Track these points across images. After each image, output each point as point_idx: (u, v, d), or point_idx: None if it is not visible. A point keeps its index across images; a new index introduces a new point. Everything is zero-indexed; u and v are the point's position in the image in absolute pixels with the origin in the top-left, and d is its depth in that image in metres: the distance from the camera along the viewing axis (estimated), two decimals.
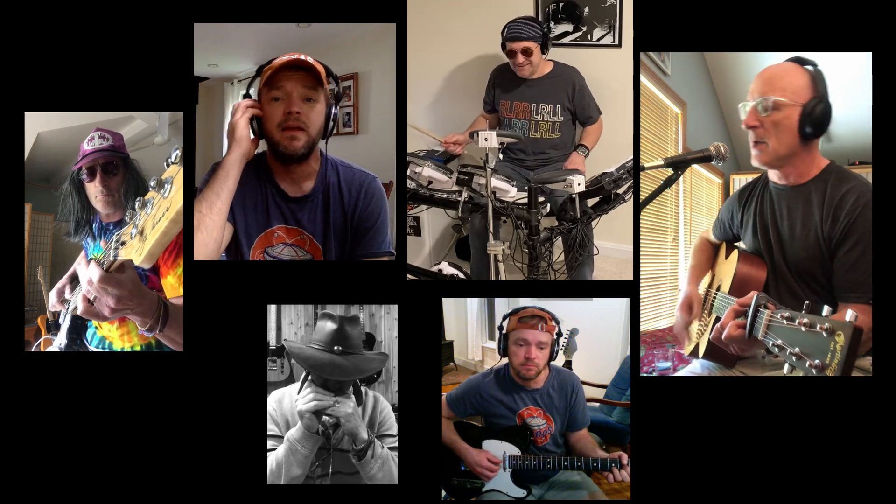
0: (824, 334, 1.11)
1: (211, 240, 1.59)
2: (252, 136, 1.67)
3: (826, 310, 1.16)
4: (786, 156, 1.60)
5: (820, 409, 1.76)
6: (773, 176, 1.70)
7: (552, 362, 1.85)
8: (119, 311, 1.42)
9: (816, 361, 1.12)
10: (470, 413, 1.83)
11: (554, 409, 1.81)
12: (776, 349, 1.22)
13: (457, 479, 1.79)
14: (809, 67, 1.59)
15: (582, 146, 2.69)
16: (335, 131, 1.74)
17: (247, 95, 1.72)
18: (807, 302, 1.22)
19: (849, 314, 1.10)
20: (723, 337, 1.40)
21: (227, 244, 1.71)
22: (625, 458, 1.71)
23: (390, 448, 1.63)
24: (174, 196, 1.18)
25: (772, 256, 1.69)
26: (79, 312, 1.44)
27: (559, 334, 1.81)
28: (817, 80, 1.57)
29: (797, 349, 1.16)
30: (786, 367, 1.20)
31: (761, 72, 1.63)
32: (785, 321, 1.21)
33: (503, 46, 2.63)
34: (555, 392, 1.82)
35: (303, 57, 1.65)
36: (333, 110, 1.71)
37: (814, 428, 1.76)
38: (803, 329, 1.16)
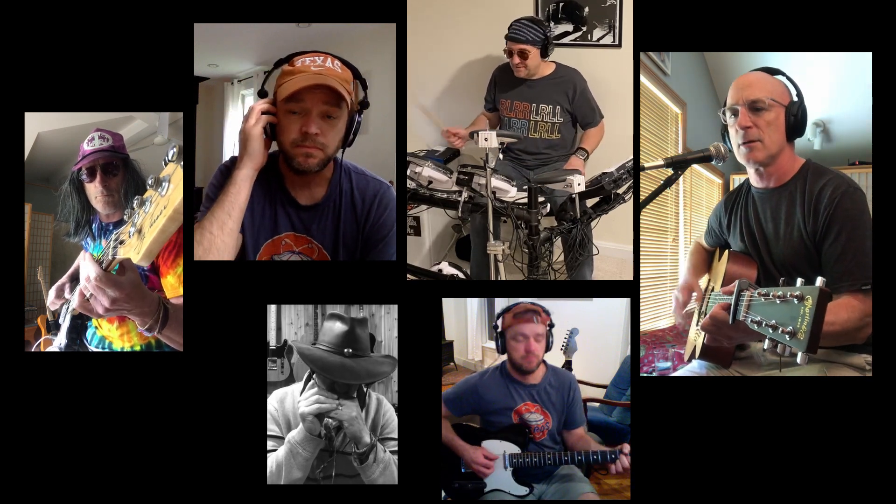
0: (795, 301, 1.17)
1: (223, 258, 1.55)
2: (265, 138, 1.58)
3: (799, 282, 1.21)
4: (776, 153, 1.66)
5: (819, 408, 1.76)
6: (755, 181, 1.75)
7: (549, 362, 1.86)
8: (113, 312, 1.42)
9: (789, 328, 1.17)
10: (467, 412, 1.84)
11: (551, 405, 1.83)
12: (755, 326, 1.27)
13: (458, 482, 1.79)
14: (780, 77, 1.68)
15: (581, 150, 2.67)
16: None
17: (262, 94, 1.61)
18: (782, 278, 1.27)
19: (818, 281, 1.16)
20: (707, 316, 1.44)
21: (237, 253, 1.66)
22: (626, 448, 1.72)
23: (392, 451, 1.63)
24: (172, 194, 1.18)
25: (760, 258, 1.73)
26: (73, 306, 1.43)
27: (551, 325, 1.83)
28: (791, 86, 1.67)
29: (773, 321, 1.21)
30: (766, 343, 1.24)
31: (736, 80, 1.70)
32: (763, 298, 1.27)
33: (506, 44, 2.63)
34: (552, 389, 1.84)
35: (329, 64, 1.54)
36: (357, 118, 1.61)
37: (813, 428, 1.76)
38: (778, 301, 1.22)
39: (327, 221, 1.67)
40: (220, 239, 1.52)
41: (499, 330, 1.83)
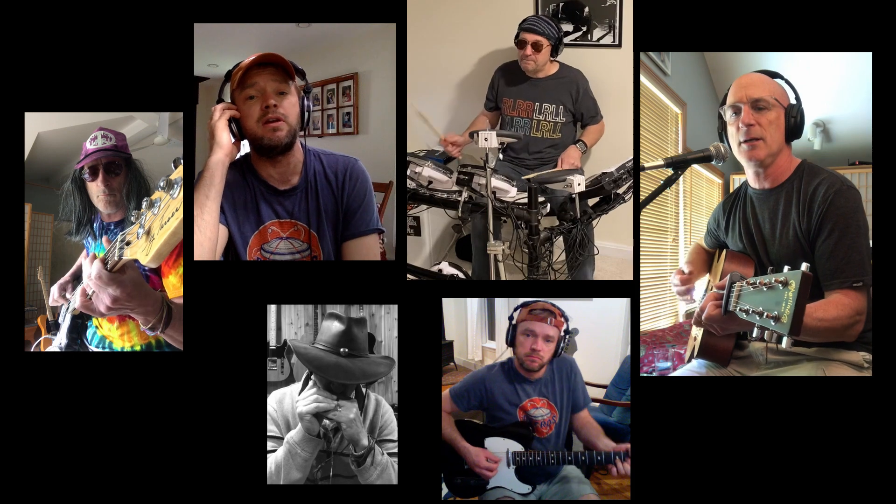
0: (780, 287, 1.20)
1: (206, 238, 1.59)
2: (233, 140, 1.67)
3: (786, 269, 1.23)
4: (775, 153, 1.68)
5: (819, 408, 1.76)
6: (752, 181, 1.76)
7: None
8: (115, 311, 1.43)
9: (773, 313, 1.20)
10: (474, 406, 1.84)
11: (557, 395, 1.83)
12: (743, 314, 1.29)
13: (460, 477, 1.79)
14: (779, 80, 1.69)
15: (581, 142, 2.69)
16: (335, 130, 1.73)
17: (220, 100, 1.73)
18: (770, 268, 1.30)
19: (802, 266, 1.18)
20: (703, 318, 1.46)
21: (224, 248, 1.70)
22: (627, 449, 1.73)
23: (390, 453, 1.63)
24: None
25: (758, 257, 1.74)
26: (75, 305, 1.44)
27: (567, 332, 1.82)
28: (790, 89, 1.69)
29: (759, 307, 1.24)
30: (755, 331, 1.26)
31: (737, 80, 1.71)
32: (751, 287, 1.30)
33: (517, 37, 2.64)
34: (555, 375, 1.84)
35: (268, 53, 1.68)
36: (306, 102, 1.74)
37: (813, 427, 1.76)
38: (765, 289, 1.24)
39: (307, 202, 1.75)
40: (200, 218, 1.59)
41: (513, 322, 1.82)
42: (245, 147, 1.73)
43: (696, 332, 1.81)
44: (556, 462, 1.77)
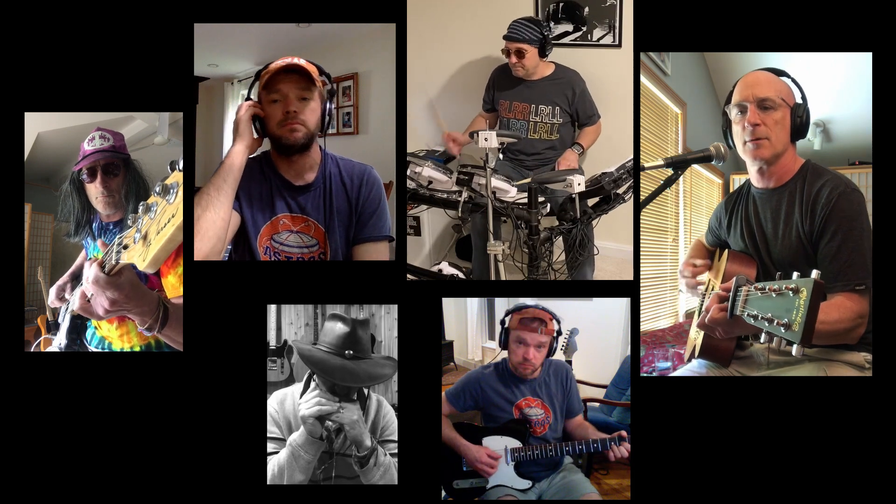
0: (790, 294, 1.18)
1: (218, 217, 1.62)
2: (256, 136, 1.74)
3: (795, 275, 1.21)
4: (781, 153, 1.67)
5: (819, 408, 1.76)
6: (756, 181, 1.75)
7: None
8: (113, 313, 1.43)
9: (784, 320, 1.18)
10: (469, 406, 1.85)
11: (552, 397, 1.84)
12: (751, 320, 1.28)
13: (459, 480, 1.79)
14: (785, 79, 1.69)
15: (577, 144, 2.70)
16: (335, 130, 1.76)
17: (248, 98, 1.78)
18: (779, 273, 1.26)
19: (813, 273, 1.16)
20: (707, 320, 1.44)
21: (234, 234, 1.74)
22: (625, 434, 1.74)
23: (392, 454, 1.63)
24: (180, 202, 1.18)
25: (760, 257, 1.73)
26: (74, 307, 1.45)
27: (559, 332, 1.84)
28: (796, 88, 1.68)
29: (769, 314, 1.22)
30: (763, 337, 1.24)
31: (743, 78, 1.70)
32: (759, 292, 1.28)
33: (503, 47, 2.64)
34: (550, 379, 1.85)
35: (296, 60, 1.73)
36: (328, 105, 1.80)
37: (813, 428, 1.76)
38: (774, 295, 1.22)
39: (321, 200, 1.80)
40: (217, 199, 1.64)
41: (505, 326, 1.84)
42: (264, 145, 1.79)
43: (696, 334, 1.81)
44: (555, 454, 1.78)
